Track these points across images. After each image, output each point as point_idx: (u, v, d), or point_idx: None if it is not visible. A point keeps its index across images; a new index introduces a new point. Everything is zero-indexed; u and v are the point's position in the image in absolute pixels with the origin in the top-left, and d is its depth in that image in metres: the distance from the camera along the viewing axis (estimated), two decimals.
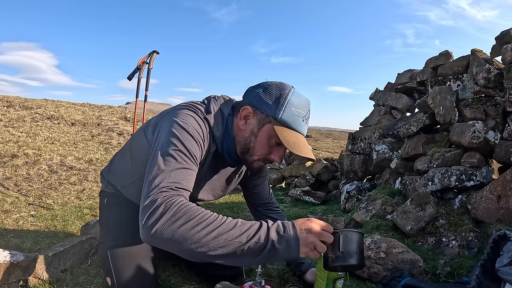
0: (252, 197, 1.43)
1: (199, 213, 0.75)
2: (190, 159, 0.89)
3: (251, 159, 1.05)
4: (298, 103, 0.99)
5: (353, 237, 0.86)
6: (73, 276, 1.36)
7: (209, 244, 0.72)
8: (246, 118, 1.02)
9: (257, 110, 1.00)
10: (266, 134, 0.99)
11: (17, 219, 2.27)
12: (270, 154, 1.03)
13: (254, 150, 1.03)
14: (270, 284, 1.33)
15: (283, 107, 0.97)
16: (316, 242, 0.77)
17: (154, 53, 3.35)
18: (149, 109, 16.48)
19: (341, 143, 18.07)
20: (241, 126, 1.03)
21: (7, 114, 7.14)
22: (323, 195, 4.19)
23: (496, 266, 0.97)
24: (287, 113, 0.97)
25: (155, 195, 0.77)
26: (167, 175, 0.82)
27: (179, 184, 0.82)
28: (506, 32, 2.70)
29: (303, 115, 1.00)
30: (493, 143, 2.23)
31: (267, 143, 1.01)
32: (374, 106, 4.42)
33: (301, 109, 0.99)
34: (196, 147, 0.93)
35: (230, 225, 0.75)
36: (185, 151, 0.89)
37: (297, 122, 0.98)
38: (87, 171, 4.11)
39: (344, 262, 0.83)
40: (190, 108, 1.01)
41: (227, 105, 1.08)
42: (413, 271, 1.56)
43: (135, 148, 1.15)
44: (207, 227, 0.73)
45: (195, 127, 0.95)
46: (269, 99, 0.98)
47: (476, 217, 2.12)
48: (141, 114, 3.83)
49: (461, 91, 2.93)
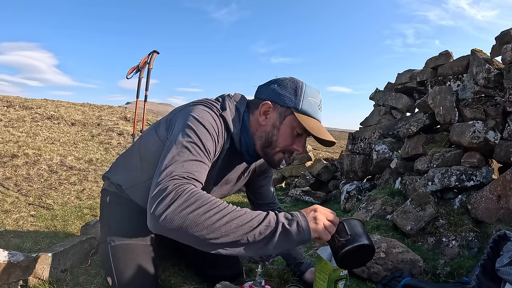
0: (256, 197, 1.45)
1: (211, 200, 0.75)
2: (204, 153, 0.89)
3: (273, 152, 1.08)
4: (312, 93, 1.05)
5: (356, 223, 0.90)
6: (73, 276, 1.36)
7: (221, 229, 0.71)
8: (266, 113, 1.05)
9: (276, 104, 1.04)
10: (288, 125, 1.03)
11: (17, 219, 2.27)
12: (293, 144, 1.07)
13: (277, 142, 1.06)
14: (270, 284, 1.33)
15: (302, 97, 1.02)
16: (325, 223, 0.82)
17: (154, 53, 3.36)
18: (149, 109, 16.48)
19: (341, 143, 18.07)
20: (262, 121, 1.06)
21: (7, 114, 7.14)
22: (323, 195, 4.19)
23: (496, 266, 0.97)
24: (306, 103, 1.03)
25: (165, 183, 0.76)
26: (180, 165, 0.82)
27: (191, 174, 0.82)
28: (506, 32, 2.70)
29: (318, 104, 1.06)
30: (493, 143, 2.23)
31: (290, 134, 1.04)
32: (374, 106, 4.42)
33: (315, 98, 1.05)
34: (210, 142, 0.93)
35: (240, 212, 0.76)
36: (199, 144, 0.89)
37: (315, 110, 1.04)
38: (87, 171, 4.11)
39: (355, 242, 0.84)
40: (205, 104, 1.02)
41: (242, 103, 1.11)
42: (413, 271, 1.56)
43: (144, 149, 1.15)
44: (218, 212, 0.73)
45: (210, 122, 0.96)
46: (287, 92, 1.03)
47: (476, 217, 2.12)
48: (141, 114, 3.83)
49: (461, 91, 2.93)
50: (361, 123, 4.54)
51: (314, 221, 0.80)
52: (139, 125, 3.94)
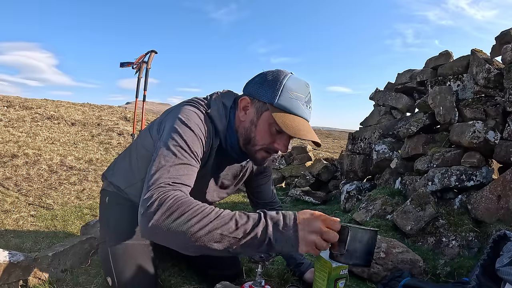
0: (256, 196, 1.43)
1: (193, 206, 0.74)
2: (190, 155, 0.89)
3: (254, 149, 1.03)
4: (296, 87, 0.96)
5: (364, 237, 0.78)
6: (73, 276, 1.36)
7: (204, 239, 0.71)
8: (245, 108, 1.02)
9: (254, 99, 0.99)
10: (265, 121, 0.98)
11: (17, 219, 2.27)
12: (273, 143, 1.00)
13: (256, 140, 1.01)
14: (270, 284, 1.33)
15: (279, 92, 0.94)
16: (317, 242, 0.74)
17: (152, 52, 3.36)
18: (149, 109, 16.48)
19: (341, 143, 18.07)
20: (242, 117, 1.02)
21: (7, 114, 7.14)
22: (323, 195, 4.19)
23: (496, 266, 0.97)
24: (284, 98, 0.94)
25: (152, 191, 0.77)
26: (166, 170, 0.82)
27: (177, 179, 0.82)
28: (506, 32, 2.70)
29: (303, 99, 0.96)
30: (493, 143, 2.23)
31: (268, 131, 0.98)
32: (374, 106, 4.42)
33: (300, 93, 0.96)
34: (197, 143, 0.92)
35: (226, 219, 0.73)
36: (185, 146, 0.89)
37: (296, 105, 0.95)
38: (87, 171, 4.11)
39: (348, 260, 0.78)
40: (192, 104, 1.01)
41: (229, 98, 1.07)
42: (413, 271, 1.56)
43: (141, 148, 1.15)
44: (201, 221, 0.72)
45: (196, 123, 0.95)
46: (265, 86, 0.97)
47: (476, 217, 2.12)
48: (141, 114, 3.83)
49: (461, 91, 2.93)
50: (361, 123, 4.54)
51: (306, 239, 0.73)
52: (139, 125, 3.94)
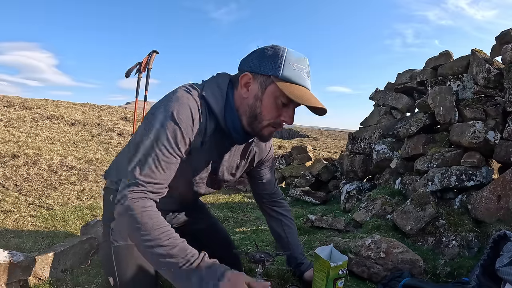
0: (258, 187, 1.41)
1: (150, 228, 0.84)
2: (172, 149, 0.90)
3: (260, 126, 1.01)
4: (296, 59, 0.96)
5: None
6: (73, 276, 1.36)
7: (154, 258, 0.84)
8: (247, 85, 0.99)
9: (256, 74, 0.97)
10: (271, 95, 0.96)
11: (17, 219, 2.27)
12: (280, 116, 0.99)
13: (262, 115, 0.98)
14: (270, 284, 1.33)
15: (282, 64, 0.94)
16: None
17: (154, 52, 3.35)
18: None
19: (341, 143, 18.06)
20: (244, 94, 1.00)
21: (7, 114, 7.13)
22: (323, 195, 4.19)
23: (496, 266, 0.97)
24: (288, 69, 0.94)
25: (125, 191, 0.86)
26: (143, 167, 0.88)
27: (152, 178, 0.88)
28: (506, 32, 2.70)
29: (304, 70, 0.97)
30: (493, 143, 2.23)
31: (274, 104, 0.97)
32: (374, 106, 4.42)
33: (300, 64, 0.97)
34: (179, 135, 0.92)
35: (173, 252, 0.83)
36: (166, 142, 0.90)
37: (300, 76, 0.96)
38: (87, 171, 4.11)
39: None
40: (184, 89, 0.99)
41: (224, 79, 1.05)
42: (413, 271, 1.56)
43: None
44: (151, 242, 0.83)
45: (183, 111, 0.93)
46: (267, 60, 0.96)
47: (476, 217, 2.12)
48: (141, 114, 3.83)
49: (461, 91, 2.93)
50: (361, 123, 4.54)
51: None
52: (139, 125, 3.94)
